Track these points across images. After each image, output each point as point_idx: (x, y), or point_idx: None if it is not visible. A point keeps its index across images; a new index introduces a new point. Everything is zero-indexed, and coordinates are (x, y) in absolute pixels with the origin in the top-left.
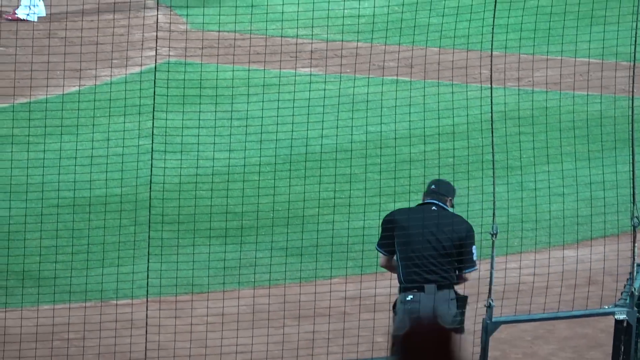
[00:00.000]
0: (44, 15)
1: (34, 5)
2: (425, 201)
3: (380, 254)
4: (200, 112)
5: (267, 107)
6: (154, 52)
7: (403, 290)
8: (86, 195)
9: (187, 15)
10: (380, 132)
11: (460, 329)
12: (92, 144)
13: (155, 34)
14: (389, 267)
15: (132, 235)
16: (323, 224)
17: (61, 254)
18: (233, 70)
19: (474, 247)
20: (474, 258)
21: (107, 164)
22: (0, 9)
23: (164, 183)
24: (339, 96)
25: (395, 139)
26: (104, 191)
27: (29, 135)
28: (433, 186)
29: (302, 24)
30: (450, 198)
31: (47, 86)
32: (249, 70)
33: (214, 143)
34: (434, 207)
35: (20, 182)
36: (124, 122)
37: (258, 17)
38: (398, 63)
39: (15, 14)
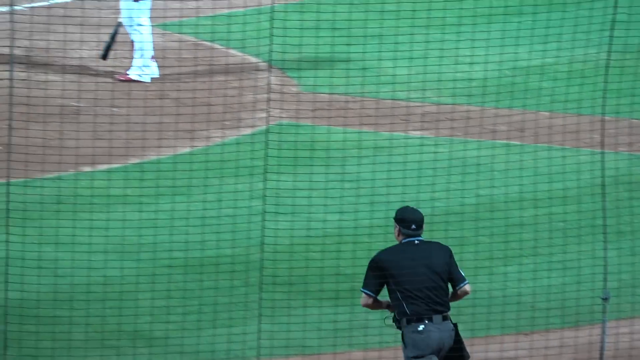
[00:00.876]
0: (157, 76)
1: (146, 66)
2: (407, 240)
3: (364, 295)
4: (311, 173)
5: (378, 170)
6: (266, 113)
7: (409, 321)
8: (198, 255)
9: (298, 77)
10: (491, 195)
11: (464, 357)
12: (203, 205)
13: (267, 95)
14: (371, 306)
15: (243, 296)
16: None
17: (173, 314)
18: (344, 133)
19: (456, 262)
20: (462, 272)
21: (218, 224)
22: (112, 69)
23: (275, 244)
24: (450, 159)
25: (506, 202)
26: (216, 252)
27: (141, 195)
28: (414, 226)
29: (414, 87)
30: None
31: (159, 147)
32: (360, 132)
33: (325, 205)
34: (417, 242)
35: (133, 242)
36: (236, 183)
37: (369, 79)
38: (509, 127)
39: (127, 74)
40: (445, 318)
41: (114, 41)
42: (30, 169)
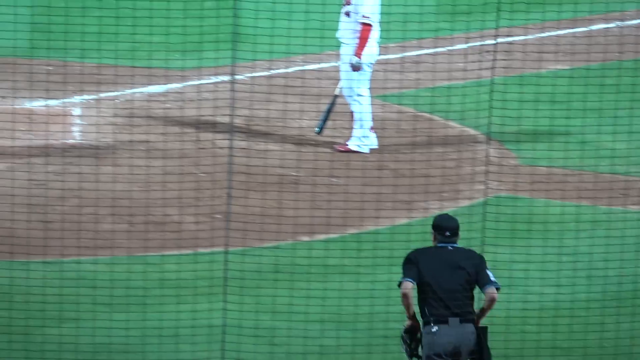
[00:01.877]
0: (376, 147)
1: (365, 137)
2: (441, 244)
3: (406, 282)
4: (528, 246)
5: (596, 244)
6: (484, 185)
7: (427, 323)
8: None
9: (517, 149)
10: None
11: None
12: None
13: (485, 167)
14: (408, 297)
15: None
16: None
17: None
18: (562, 206)
19: (488, 270)
20: (492, 278)
21: None
22: (332, 140)
23: (491, 317)
24: None
25: None
26: None
27: (358, 265)
28: (448, 233)
29: (633, 161)
30: (459, 237)
31: (377, 217)
32: (578, 206)
33: (542, 278)
34: (450, 248)
35: (349, 312)
36: None
37: (588, 153)
38: None
39: (347, 145)
40: (464, 321)
41: (329, 117)
42: (249, 238)
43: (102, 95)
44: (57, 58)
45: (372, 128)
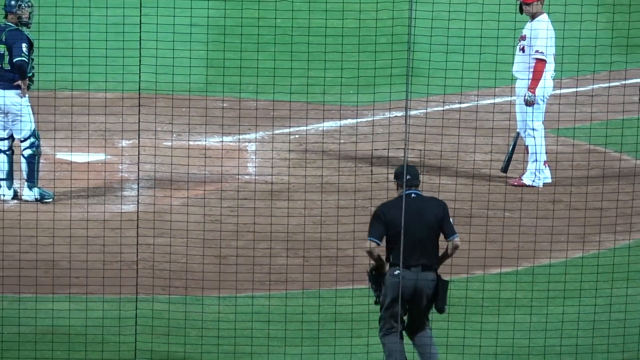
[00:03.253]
0: (550, 181)
1: (540, 171)
2: (406, 192)
3: (371, 242)
4: None
5: None
6: None
7: (392, 266)
8: None
9: None
10: None
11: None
12: (594, 309)
13: None
14: (373, 255)
15: None
16: None
17: None
18: None
19: (451, 219)
20: (455, 228)
21: (608, 328)
22: (506, 175)
23: None
24: None
25: None
26: (605, 356)
27: (532, 299)
28: (409, 176)
29: None
30: (419, 182)
31: (550, 250)
32: None
33: None
34: (413, 195)
35: (522, 345)
36: (627, 288)
37: None
38: None
39: (521, 179)
40: (426, 268)
41: (514, 152)
42: None
43: (277, 131)
44: (232, 94)
45: (546, 162)
